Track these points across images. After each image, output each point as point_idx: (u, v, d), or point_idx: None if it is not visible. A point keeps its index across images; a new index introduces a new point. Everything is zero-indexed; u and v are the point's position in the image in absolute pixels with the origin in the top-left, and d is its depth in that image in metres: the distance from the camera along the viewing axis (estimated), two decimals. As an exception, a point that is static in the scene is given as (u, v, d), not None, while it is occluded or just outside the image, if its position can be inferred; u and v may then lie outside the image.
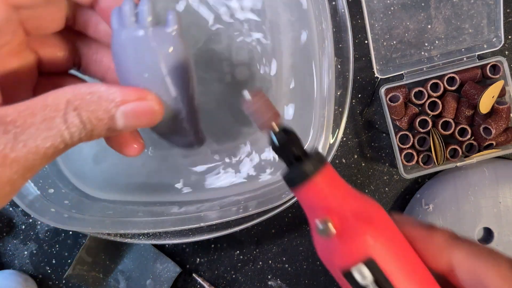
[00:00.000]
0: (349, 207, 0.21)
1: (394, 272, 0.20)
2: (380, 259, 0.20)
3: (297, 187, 0.22)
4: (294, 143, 0.22)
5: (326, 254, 0.21)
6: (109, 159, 0.43)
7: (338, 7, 0.38)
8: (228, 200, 0.41)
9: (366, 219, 0.20)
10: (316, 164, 0.21)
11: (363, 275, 0.20)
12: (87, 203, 0.42)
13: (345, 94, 0.38)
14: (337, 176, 0.22)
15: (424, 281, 0.21)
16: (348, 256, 0.20)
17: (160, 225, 0.38)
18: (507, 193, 0.44)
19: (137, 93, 0.23)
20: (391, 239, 0.21)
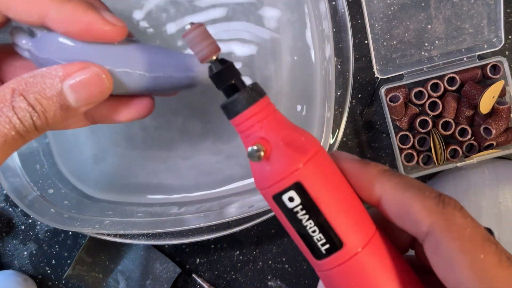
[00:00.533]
0: (282, 136, 0.22)
1: (322, 198, 0.21)
2: (308, 184, 0.21)
3: (233, 116, 0.22)
4: (231, 73, 0.23)
5: (259, 181, 0.22)
6: (109, 160, 0.42)
7: (338, 7, 0.38)
8: (228, 200, 0.41)
9: (298, 148, 0.21)
10: (252, 95, 0.22)
11: (290, 198, 0.21)
12: (87, 204, 0.42)
13: (345, 94, 0.38)
14: (274, 109, 0.23)
15: (352, 209, 0.22)
16: (277, 180, 0.21)
17: (160, 226, 0.38)
18: (507, 193, 0.43)
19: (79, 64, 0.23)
20: (322, 167, 0.22)
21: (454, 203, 0.20)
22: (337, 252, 0.21)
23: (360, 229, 0.22)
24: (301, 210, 0.21)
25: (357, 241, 0.21)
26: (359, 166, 0.23)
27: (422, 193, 0.21)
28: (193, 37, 0.22)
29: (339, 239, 0.21)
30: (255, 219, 0.39)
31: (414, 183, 0.21)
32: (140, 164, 0.42)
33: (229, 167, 0.42)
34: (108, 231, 0.38)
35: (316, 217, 0.21)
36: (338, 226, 0.21)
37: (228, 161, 0.42)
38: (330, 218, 0.21)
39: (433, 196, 0.20)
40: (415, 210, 0.20)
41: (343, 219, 0.21)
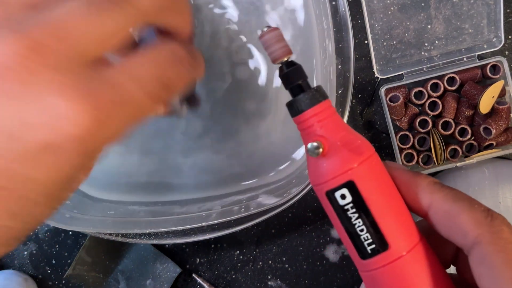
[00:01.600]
0: (340, 136, 0.23)
1: (372, 199, 0.22)
2: (360, 184, 0.22)
3: (297, 114, 0.24)
4: (299, 75, 0.24)
5: (315, 177, 0.23)
6: (110, 159, 0.42)
7: (339, 7, 0.38)
8: (229, 199, 0.41)
9: (354, 149, 0.22)
10: (316, 96, 0.23)
11: (342, 196, 0.22)
12: (89, 203, 0.42)
13: (345, 94, 0.38)
14: (334, 112, 0.24)
15: (400, 214, 0.23)
16: (332, 177, 0.22)
17: (162, 225, 0.38)
18: (507, 193, 0.43)
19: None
20: (374, 170, 0.23)
21: (502, 218, 0.21)
22: (382, 253, 0.22)
23: (406, 234, 0.22)
24: (352, 208, 0.22)
25: (402, 245, 0.22)
26: (410, 176, 0.23)
27: (471, 205, 0.21)
28: (268, 38, 0.24)
29: (385, 241, 0.22)
30: (256, 218, 0.39)
31: (463, 196, 0.22)
32: (142, 163, 0.42)
33: (230, 166, 0.42)
34: (110, 231, 0.38)
35: (365, 217, 0.22)
36: (385, 228, 0.22)
37: (230, 160, 0.42)
38: (379, 219, 0.22)
39: (482, 210, 0.21)
40: (463, 221, 0.21)
41: (390, 222, 0.22)
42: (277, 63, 0.24)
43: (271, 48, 0.24)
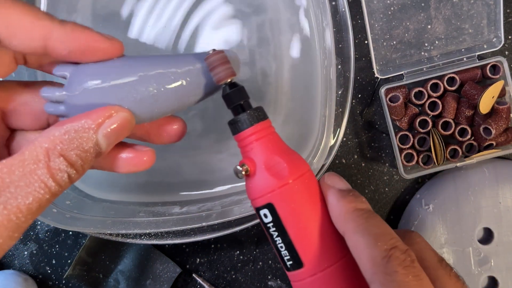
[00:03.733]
0: (266, 160, 0.24)
1: (289, 221, 0.24)
2: (279, 206, 0.24)
3: (236, 133, 0.25)
4: (241, 96, 0.25)
5: (247, 193, 0.26)
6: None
7: (339, 7, 0.37)
8: (229, 199, 0.41)
9: (277, 173, 0.24)
10: (254, 116, 0.25)
11: (265, 215, 0.25)
12: (89, 204, 0.41)
13: (345, 94, 0.37)
14: (271, 132, 0.25)
15: (319, 235, 0.24)
16: (255, 197, 0.25)
17: (162, 225, 0.38)
18: (507, 193, 0.43)
19: (103, 112, 0.23)
20: (296, 194, 0.24)
21: (403, 259, 0.21)
22: (298, 270, 0.24)
23: (322, 254, 0.24)
24: (272, 227, 0.24)
25: (316, 265, 0.24)
26: (336, 197, 0.24)
27: (374, 243, 0.22)
28: (213, 61, 0.25)
29: (299, 260, 0.24)
30: (256, 218, 0.39)
31: (374, 229, 0.22)
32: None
33: (231, 165, 0.42)
34: (110, 231, 0.38)
35: (283, 236, 0.24)
36: (300, 249, 0.24)
37: (230, 159, 0.42)
38: (294, 240, 0.24)
39: (383, 249, 0.21)
40: (363, 258, 0.22)
41: (305, 243, 0.24)
42: (221, 83, 0.25)
43: (215, 70, 0.25)
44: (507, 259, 0.43)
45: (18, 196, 0.20)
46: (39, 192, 0.20)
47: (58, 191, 0.21)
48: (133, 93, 0.24)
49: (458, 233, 0.43)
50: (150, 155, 0.27)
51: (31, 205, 0.20)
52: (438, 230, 0.43)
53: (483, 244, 0.43)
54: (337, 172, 0.45)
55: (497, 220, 0.43)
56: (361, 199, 0.25)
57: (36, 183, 0.20)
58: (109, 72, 0.25)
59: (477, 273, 0.43)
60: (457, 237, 0.43)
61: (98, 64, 0.25)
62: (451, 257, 0.43)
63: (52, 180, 0.21)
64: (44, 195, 0.21)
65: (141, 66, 0.25)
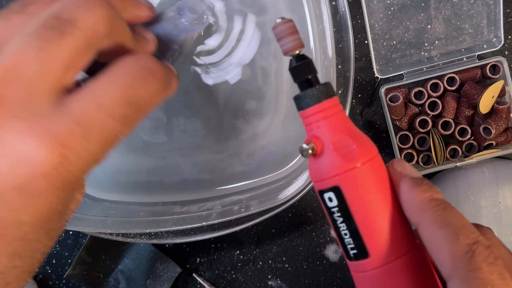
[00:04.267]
0: (334, 140, 0.23)
1: (357, 207, 0.22)
2: (346, 191, 0.22)
3: (301, 109, 0.24)
4: (309, 69, 0.23)
5: (310, 174, 0.24)
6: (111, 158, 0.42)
7: (339, 7, 0.37)
8: (229, 199, 0.40)
9: (345, 155, 0.22)
10: (322, 93, 0.23)
11: (330, 198, 0.23)
12: (89, 203, 0.41)
13: (345, 94, 0.37)
14: (339, 111, 0.23)
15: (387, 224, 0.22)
16: (320, 179, 0.23)
17: (162, 225, 0.38)
18: (507, 193, 0.43)
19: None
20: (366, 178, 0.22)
21: (487, 255, 0.19)
22: (363, 260, 0.22)
23: (390, 245, 0.22)
24: (337, 212, 0.22)
25: (383, 256, 0.22)
26: (409, 186, 0.22)
27: (455, 236, 0.20)
28: (281, 30, 0.23)
29: (365, 249, 0.22)
30: (256, 218, 0.39)
31: (454, 220, 0.21)
32: (141, 162, 0.42)
33: (231, 165, 0.42)
34: (110, 231, 0.38)
35: (349, 223, 0.22)
36: (367, 238, 0.22)
37: (230, 159, 0.42)
38: (361, 228, 0.22)
39: (466, 243, 0.20)
40: (443, 251, 0.20)
41: (373, 232, 0.22)
42: (288, 55, 0.24)
43: (283, 40, 0.23)
44: (507, 259, 0.43)
45: None
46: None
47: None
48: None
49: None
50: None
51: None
52: (438, 230, 0.43)
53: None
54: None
55: (497, 220, 0.43)
56: (435, 188, 0.22)
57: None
58: None
59: (477, 273, 0.43)
60: (457, 237, 0.43)
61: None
62: (451, 257, 0.43)
63: None
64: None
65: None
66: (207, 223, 0.37)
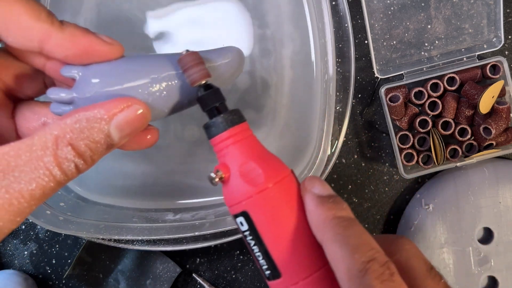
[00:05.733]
0: (240, 166, 0.23)
1: (266, 230, 0.22)
2: (254, 215, 0.22)
3: (210, 137, 0.24)
4: (216, 98, 0.24)
5: (225, 200, 0.24)
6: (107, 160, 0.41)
7: (339, 7, 0.37)
8: (223, 209, 0.40)
9: (252, 180, 0.23)
10: (228, 120, 0.23)
11: (241, 223, 0.23)
12: (83, 206, 0.40)
13: (346, 94, 0.37)
14: (248, 136, 0.24)
15: (298, 244, 0.22)
16: (230, 204, 0.23)
17: (155, 232, 0.37)
18: (507, 193, 0.42)
19: (118, 102, 0.22)
20: (272, 201, 0.22)
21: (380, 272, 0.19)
22: (276, 280, 0.23)
23: (299, 265, 0.22)
24: (249, 235, 0.23)
25: (294, 275, 0.22)
26: (314, 204, 0.22)
27: (352, 254, 0.20)
28: (186, 62, 0.23)
29: (277, 270, 0.23)
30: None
31: (352, 239, 0.21)
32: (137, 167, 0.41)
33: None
34: (103, 236, 0.37)
35: (260, 245, 0.23)
36: (277, 258, 0.22)
37: None
38: (271, 249, 0.22)
39: (360, 261, 0.20)
40: (340, 270, 0.20)
41: (282, 253, 0.22)
42: (195, 85, 0.24)
43: (189, 71, 0.23)
44: (507, 259, 0.42)
45: (21, 181, 0.19)
46: (43, 179, 0.20)
47: (64, 180, 0.21)
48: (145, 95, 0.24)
49: (458, 233, 0.42)
50: (154, 133, 0.26)
51: (34, 191, 0.20)
52: (438, 230, 0.42)
53: (483, 244, 0.42)
54: (337, 172, 0.45)
55: (497, 220, 0.42)
56: (341, 205, 0.22)
57: (41, 170, 0.20)
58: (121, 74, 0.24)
59: (477, 273, 0.42)
60: (457, 237, 0.42)
61: (108, 65, 0.24)
62: (451, 257, 0.42)
63: (58, 168, 0.20)
64: (48, 182, 0.20)
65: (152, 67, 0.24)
66: (200, 233, 0.36)
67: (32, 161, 0.20)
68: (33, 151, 0.20)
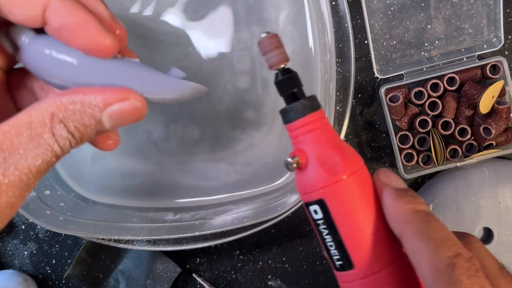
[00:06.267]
0: (318, 153, 0.22)
1: (341, 220, 0.22)
2: (330, 203, 0.22)
3: (286, 122, 0.24)
4: (294, 83, 0.23)
5: (297, 187, 0.24)
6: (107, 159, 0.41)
7: (339, 7, 0.37)
8: (223, 208, 0.40)
9: (329, 168, 0.22)
10: (307, 106, 0.23)
11: (315, 211, 0.23)
12: (83, 206, 0.40)
13: (346, 94, 0.37)
14: (325, 124, 0.23)
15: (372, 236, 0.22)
16: (305, 191, 0.23)
17: (155, 233, 0.37)
18: (507, 193, 0.42)
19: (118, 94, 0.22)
20: (350, 191, 0.22)
21: (467, 268, 0.19)
22: (348, 271, 0.22)
23: (374, 257, 0.22)
24: (323, 224, 0.23)
25: (368, 267, 0.22)
26: (393, 197, 0.22)
27: (437, 249, 0.20)
28: (267, 44, 0.23)
29: (350, 261, 0.22)
30: (249, 229, 0.38)
31: (436, 233, 0.20)
32: (137, 167, 0.41)
33: (226, 174, 0.41)
34: (103, 236, 0.37)
35: (334, 235, 0.22)
36: (351, 249, 0.22)
37: (226, 168, 0.41)
38: (346, 240, 0.22)
39: (446, 256, 0.19)
40: (424, 265, 0.20)
41: (357, 244, 0.22)
42: (273, 69, 0.23)
43: (268, 55, 0.23)
44: (507, 259, 0.42)
45: (28, 158, 0.20)
46: (47, 155, 0.21)
47: (62, 154, 0.22)
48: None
49: (457, 232, 0.42)
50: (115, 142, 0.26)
51: (41, 166, 0.21)
52: (438, 230, 0.42)
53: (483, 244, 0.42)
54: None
55: (497, 220, 0.42)
56: (419, 200, 0.22)
57: (43, 146, 0.21)
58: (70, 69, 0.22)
59: (477, 273, 0.42)
60: (457, 237, 0.42)
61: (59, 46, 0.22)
62: (451, 257, 0.42)
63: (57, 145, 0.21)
64: (51, 158, 0.21)
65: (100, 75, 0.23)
66: (200, 233, 0.36)
67: (34, 139, 0.20)
68: (33, 128, 0.20)
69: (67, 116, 0.21)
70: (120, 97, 0.22)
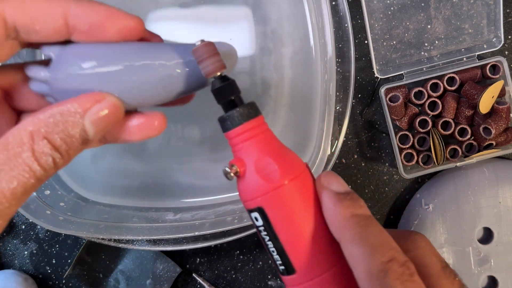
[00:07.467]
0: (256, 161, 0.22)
1: (281, 226, 0.22)
2: (269, 211, 0.22)
3: (225, 131, 0.23)
4: (231, 90, 0.23)
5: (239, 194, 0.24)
6: (107, 159, 0.41)
7: (339, 7, 0.36)
8: (223, 208, 0.40)
9: (267, 176, 0.22)
10: (243, 114, 0.23)
11: (256, 218, 0.23)
12: (83, 206, 0.40)
13: (346, 94, 0.37)
14: (264, 130, 0.23)
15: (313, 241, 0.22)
16: (245, 199, 0.23)
17: (155, 232, 0.37)
18: (507, 193, 0.42)
19: (92, 97, 0.22)
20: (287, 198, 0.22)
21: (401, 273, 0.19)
22: (291, 275, 0.22)
23: (314, 261, 0.22)
24: (264, 231, 0.23)
25: (308, 272, 0.22)
26: (332, 201, 0.22)
27: (371, 254, 0.20)
28: (202, 53, 0.23)
29: (292, 266, 0.22)
30: (249, 229, 0.38)
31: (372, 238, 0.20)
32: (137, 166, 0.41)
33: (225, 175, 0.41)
34: (103, 236, 0.37)
35: (275, 241, 0.22)
36: (292, 254, 0.22)
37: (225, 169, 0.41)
38: (286, 245, 0.22)
39: (380, 262, 0.19)
40: (359, 270, 0.20)
41: (297, 249, 0.22)
42: (210, 77, 0.23)
43: (204, 63, 0.23)
44: (507, 259, 0.42)
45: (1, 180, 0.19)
46: (24, 176, 0.20)
47: (43, 175, 0.20)
48: (117, 83, 0.23)
49: (458, 233, 0.42)
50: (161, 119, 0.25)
51: (16, 189, 0.19)
52: (438, 230, 0.42)
53: (483, 244, 0.42)
54: (337, 172, 0.44)
55: (497, 220, 0.42)
56: (359, 203, 0.22)
57: (20, 167, 0.19)
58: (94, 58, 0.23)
59: (477, 273, 0.42)
60: (457, 237, 0.42)
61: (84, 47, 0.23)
62: (451, 257, 0.42)
63: (37, 163, 0.20)
64: (29, 179, 0.20)
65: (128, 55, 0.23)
66: (200, 233, 0.36)
67: (11, 159, 0.19)
68: (10, 149, 0.20)
69: (50, 129, 0.20)
70: (95, 98, 0.22)
